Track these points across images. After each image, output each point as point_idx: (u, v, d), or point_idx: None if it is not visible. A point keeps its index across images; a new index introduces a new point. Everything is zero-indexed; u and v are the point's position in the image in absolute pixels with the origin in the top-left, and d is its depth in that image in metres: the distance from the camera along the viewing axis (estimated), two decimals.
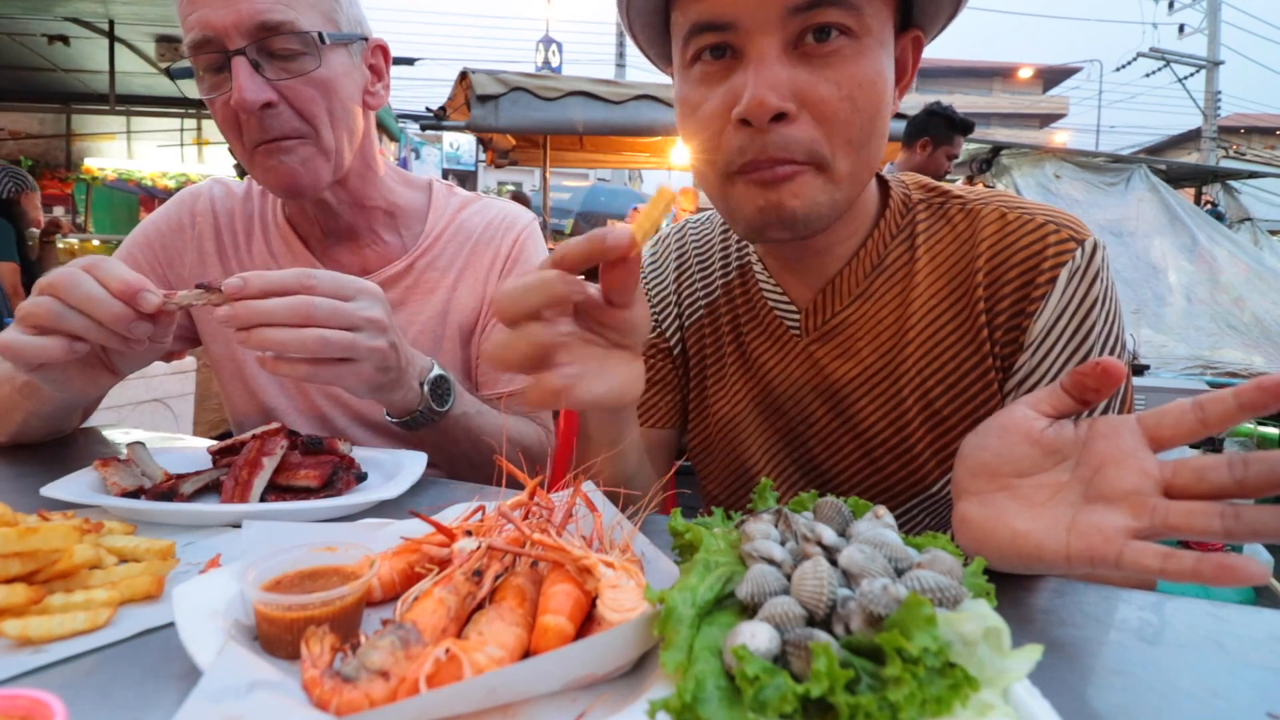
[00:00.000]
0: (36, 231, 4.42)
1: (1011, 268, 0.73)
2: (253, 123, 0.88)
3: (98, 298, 0.68)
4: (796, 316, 0.82)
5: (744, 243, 0.89)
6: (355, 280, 0.75)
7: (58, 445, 0.96)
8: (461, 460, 0.94)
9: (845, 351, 0.80)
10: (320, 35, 0.88)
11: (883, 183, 0.81)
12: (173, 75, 0.91)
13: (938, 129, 3.24)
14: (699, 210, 1.19)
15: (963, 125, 3.28)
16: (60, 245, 4.81)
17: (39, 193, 4.47)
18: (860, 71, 0.63)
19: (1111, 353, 0.73)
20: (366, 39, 0.98)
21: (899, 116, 5.71)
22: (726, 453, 0.91)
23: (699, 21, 0.64)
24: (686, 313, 0.94)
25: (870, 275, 0.78)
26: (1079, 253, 0.71)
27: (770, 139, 0.63)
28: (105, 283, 0.68)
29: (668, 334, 0.95)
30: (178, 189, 7.28)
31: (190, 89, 6.78)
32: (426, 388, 0.85)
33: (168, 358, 1.12)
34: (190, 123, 7.67)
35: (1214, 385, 3.20)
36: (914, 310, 0.77)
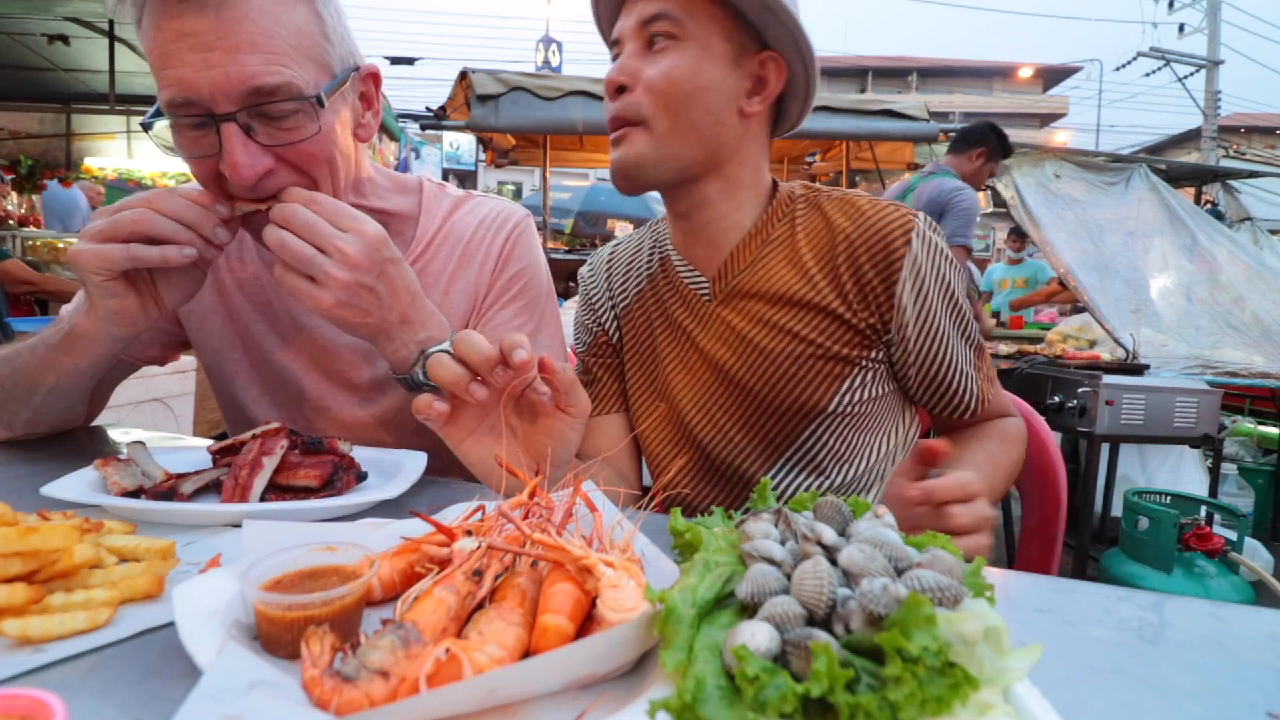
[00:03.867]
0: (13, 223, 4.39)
1: (869, 238, 0.92)
2: (245, 187, 0.79)
3: (186, 206, 0.77)
4: (706, 285, 1.02)
5: (664, 240, 1.09)
6: (357, 216, 0.78)
7: (58, 445, 0.96)
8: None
9: (743, 310, 0.99)
10: (319, 98, 0.79)
11: (774, 185, 1.03)
12: (145, 129, 0.80)
13: (993, 146, 3.51)
14: None
15: (1007, 151, 3.63)
16: (39, 243, 4.79)
17: (7, 184, 4.42)
18: (675, 64, 0.88)
19: (965, 294, 0.97)
20: (358, 68, 0.89)
21: (892, 115, 5.81)
22: (669, 415, 1.07)
23: (607, 37, 0.98)
24: (619, 305, 1.14)
25: (762, 248, 0.99)
26: (919, 220, 0.92)
27: (616, 105, 0.91)
28: (187, 195, 0.78)
29: (608, 329, 1.15)
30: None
31: None
32: (425, 356, 0.82)
33: (160, 361, 1.11)
34: None
35: (1214, 385, 3.20)
36: (798, 273, 0.97)
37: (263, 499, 0.73)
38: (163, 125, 0.79)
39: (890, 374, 1.00)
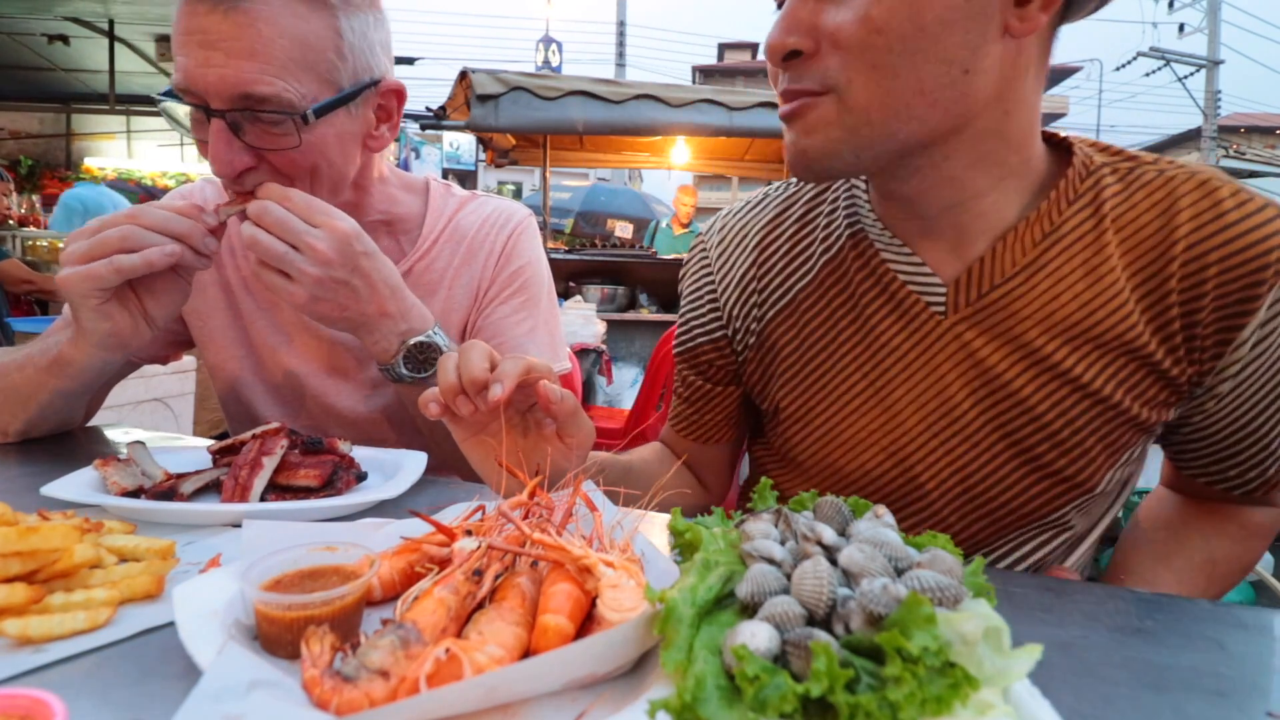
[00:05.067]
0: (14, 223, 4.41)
1: (1227, 257, 0.63)
2: (226, 179, 0.83)
3: (172, 218, 0.76)
4: (941, 291, 0.71)
5: (860, 205, 0.78)
6: (329, 212, 0.79)
7: (58, 445, 0.96)
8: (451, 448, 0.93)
9: (1007, 333, 0.69)
10: (305, 115, 0.80)
11: (1063, 143, 0.72)
12: (156, 102, 0.86)
13: None
14: (697, 208, 1.16)
15: None
16: (39, 243, 4.80)
17: (9, 182, 4.44)
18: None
19: None
20: (377, 83, 0.89)
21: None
22: (822, 457, 0.81)
23: None
24: (772, 304, 0.83)
25: (1041, 243, 0.68)
26: None
27: (787, 75, 0.63)
28: (167, 207, 0.77)
29: (736, 338, 0.86)
30: (177, 188, 7.29)
31: None
32: (405, 347, 0.85)
33: (163, 360, 1.12)
34: None
35: None
36: (1102, 289, 0.67)
37: (263, 499, 0.73)
38: (174, 104, 0.84)
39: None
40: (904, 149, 0.64)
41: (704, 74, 23.02)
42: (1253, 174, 7.67)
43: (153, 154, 7.70)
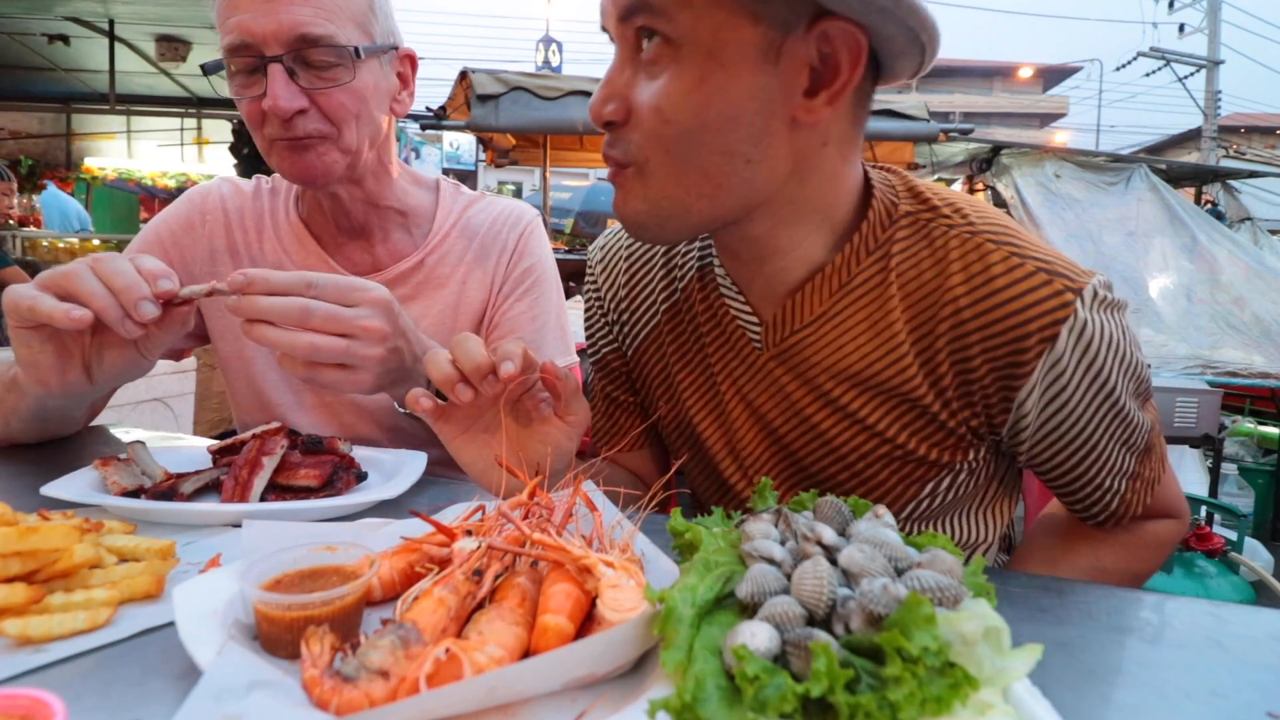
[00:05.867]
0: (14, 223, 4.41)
1: (989, 324, 0.66)
2: (278, 122, 0.90)
3: (123, 271, 0.69)
4: (758, 330, 0.77)
5: (706, 243, 0.83)
6: (362, 286, 0.74)
7: (58, 445, 0.96)
8: None
9: (802, 375, 0.75)
10: (356, 50, 0.90)
11: (868, 188, 0.73)
12: (206, 71, 0.95)
13: None
14: None
15: None
16: (39, 243, 4.80)
17: (13, 182, 4.43)
18: (667, 91, 0.60)
19: (1140, 392, 0.72)
20: (397, 48, 1.00)
21: (892, 115, 5.77)
22: (709, 458, 0.87)
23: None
24: (639, 328, 0.90)
25: (836, 294, 0.72)
26: (1080, 303, 0.64)
27: (607, 141, 0.67)
28: (135, 262, 0.71)
29: (626, 353, 0.94)
30: (178, 188, 7.28)
31: (193, 86, 6.78)
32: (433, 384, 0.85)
33: (175, 356, 1.12)
34: (190, 122, 7.66)
35: (1214, 385, 3.20)
36: (882, 340, 0.70)
37: (263, 499, 0.73)
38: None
39: (998, 457, 0.78)
40: (702, 224, 0.68)
41: None
42: (1253, 174, 7.66)
43: (153, 154, 7.70)
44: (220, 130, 7.25)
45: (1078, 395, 0.68)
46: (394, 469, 0.82)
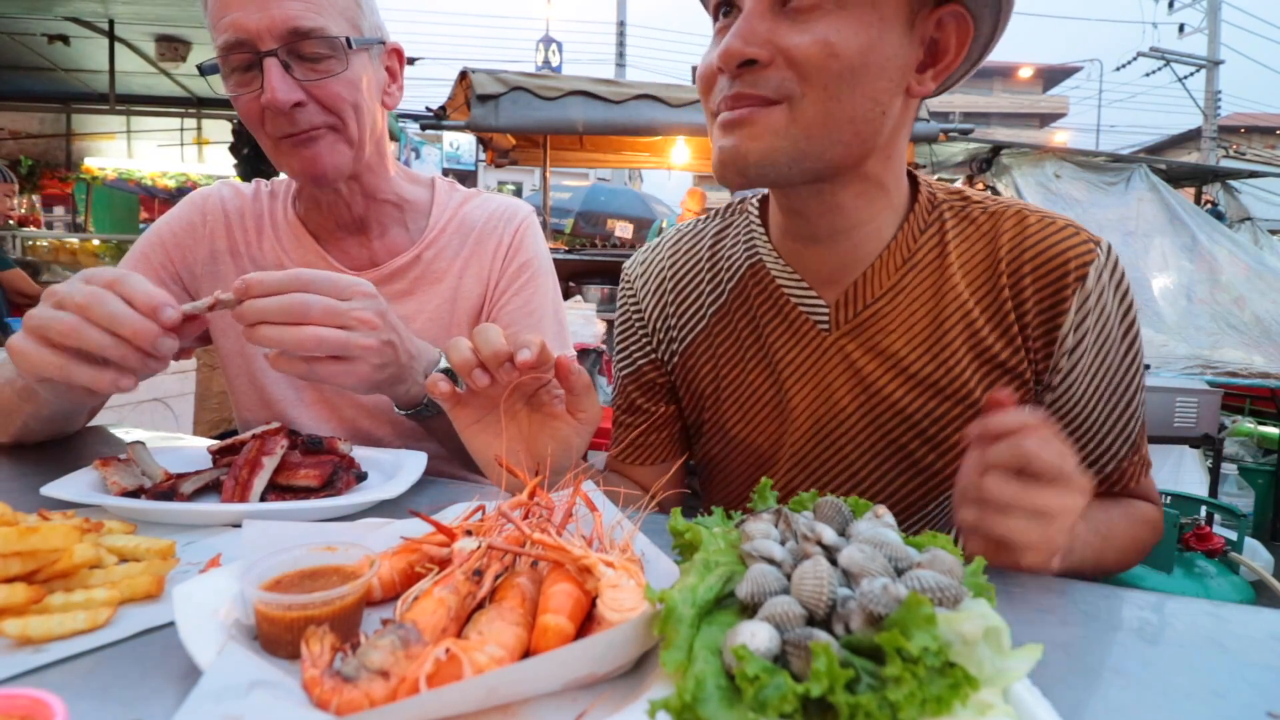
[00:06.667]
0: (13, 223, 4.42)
1: (1038, 267, 0.76)
2: (280, 119, 0.91)
3: (122, 315, 0.66)
4: (825, 311, 0.82)
5: (755, 238, 0.88)
6: (351, 281, 0.75)
7: (58, 445, 0.96)
8: None
9: (877, 347, 0.81)
10: (347, 40, 0.92)
11: (911, 178, 0.83)
12: (203, 72, 0.96)
13: None
14: (704, 211, 1.17)
15: None
16: (39, 243, 4.81)
17: (14, 184, 4.44)
18: (837, 29, 0.66)
19: (1135, 342, 0.81)
20: (384, 43, 1.02)
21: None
22: (747, 461, 0.91)
23: None
24: (684, 335, 0.93)
25: (902, 269, 0.80)
26: (1101, 251, 0.76)
27: (740, 82, 0.69)
28: (130, 298, 0.67)
29: (665, 364, 0.96)
30: (178, 188, 7.27)
31: (193, 85, 6.78)
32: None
33: (177, 356, 1.12)
34: (190, 122, 7.65)
35: (1213, 385, 3.20)
36: (948, 305, 0.79)
37: (263, 499, 0.73)
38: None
39: None
40: (826, 169, 0.72)
41: None
42: (1253, 174, 7.66)
43: (153, 154, 7.69)
44: (220, 130, 7.24)
45: (1100, 327, 0.77)
46: (394, 469, 0.82)
